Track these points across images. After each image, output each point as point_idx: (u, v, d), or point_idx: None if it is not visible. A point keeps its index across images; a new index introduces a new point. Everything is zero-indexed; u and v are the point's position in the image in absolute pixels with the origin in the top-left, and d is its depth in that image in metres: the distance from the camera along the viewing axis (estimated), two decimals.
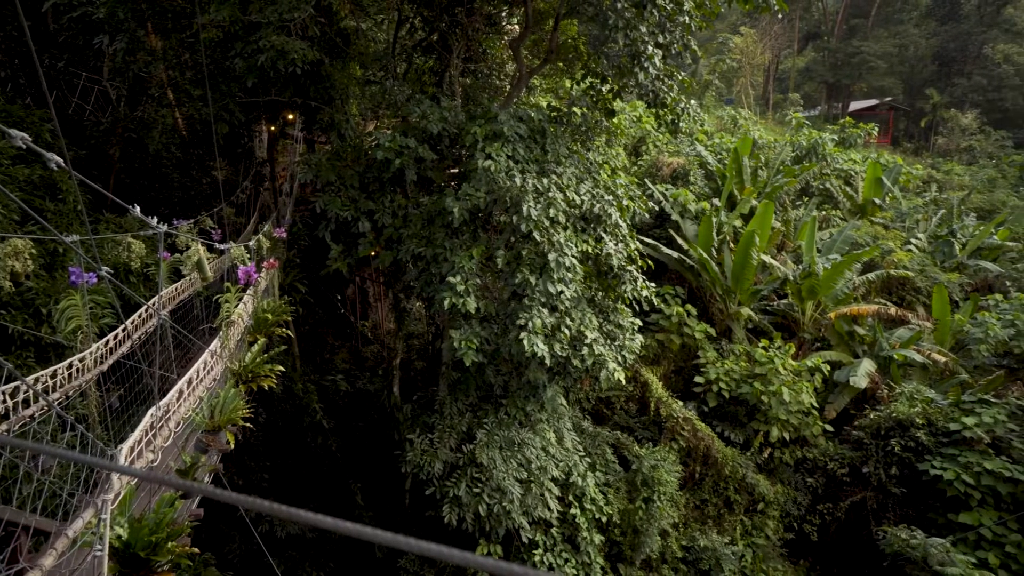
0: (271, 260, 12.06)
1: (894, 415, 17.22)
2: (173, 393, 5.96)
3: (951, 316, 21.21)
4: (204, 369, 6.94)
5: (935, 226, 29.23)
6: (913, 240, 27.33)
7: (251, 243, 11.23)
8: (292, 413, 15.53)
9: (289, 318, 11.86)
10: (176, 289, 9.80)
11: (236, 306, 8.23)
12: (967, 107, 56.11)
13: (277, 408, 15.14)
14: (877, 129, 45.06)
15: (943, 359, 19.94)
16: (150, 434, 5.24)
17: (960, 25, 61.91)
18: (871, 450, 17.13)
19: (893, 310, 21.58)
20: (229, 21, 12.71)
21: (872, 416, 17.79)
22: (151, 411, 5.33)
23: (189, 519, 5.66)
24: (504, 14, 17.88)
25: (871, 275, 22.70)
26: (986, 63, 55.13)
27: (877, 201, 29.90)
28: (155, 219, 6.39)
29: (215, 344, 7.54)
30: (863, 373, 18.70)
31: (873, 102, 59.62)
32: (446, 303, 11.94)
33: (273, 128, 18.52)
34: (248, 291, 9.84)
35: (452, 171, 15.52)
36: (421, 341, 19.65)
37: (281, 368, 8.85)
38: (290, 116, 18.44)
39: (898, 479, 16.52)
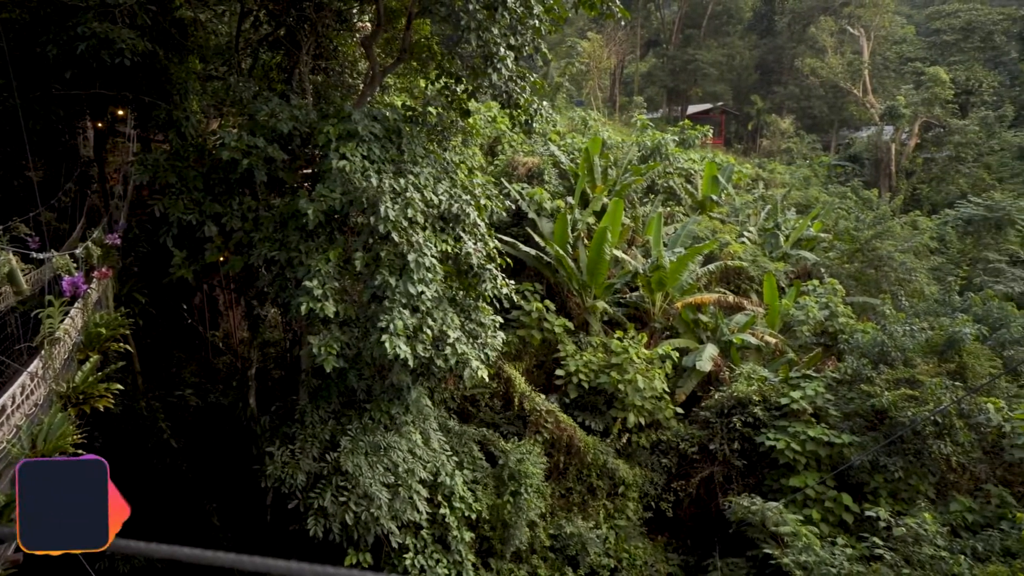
0: (103, 269, 11.02)
1: (735, 394, 18.78)
2: None
3: (779, 301, 23.51)
4: (22, 394, 6.22)
5: (763, 220, 32.19)
6: (746, 233, 29.92)
7: (78, 251, 10.20)
8: (135, 434, 14.28)
9: (127, 331, 10.90)
10: None
11: (61, 321, 7.44)
12: (785, 113, 62.37)
13: (117, 430, 13.85)
14: (712, 131, 48.94)
15: (774, 340, 22.06)
16: None
17: (776, 39, 68.65)
18: (716, 428, 18.57)
19: (731, 298, 23.54)
20: (37, 2, 11.42)
21: (716, 397, 19.30)
22: None
23: (4, 567, 5.02)
24: (355, 11, 17.46)
25: (711, 266, 24.65)
26: (798, 74, 61.53)
27: (714, 198, 32.44)
28: None
29: (35, 365, 6.77)
30: (707, 357, 20.25)
31: (708, 106, 64.61)
32: (303, 308, 11.51)
33: (101, 125, 16.88)
34: (76, 304, 8.93)
35: (305, 172, 14.95)
36: (278, 349, 18.78)
37: (119, 387, 8.11)
38: (120, 112, 16.90)
39: (740, 452, 18.04)
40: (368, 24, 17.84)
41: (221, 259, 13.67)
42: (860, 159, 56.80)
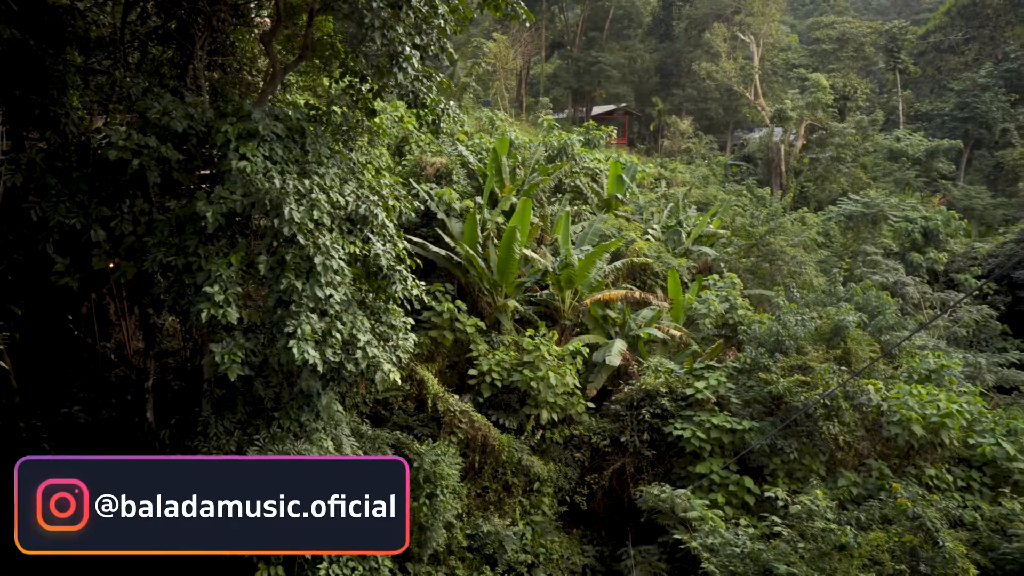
0: None
1: (643, 387, 19.40)
2: None
3: (682, 296, 24.51)
4: None
5: (666, 218, 33.44)
6: (650, 231, 30.98)
7: None
8: (13, 457, 13.16)
9: (1, 346, 10.07)
10: None
11: None
12: (684, 114, 65.12)
13: None
14: (616, 131, 50.41)
15: (678, 334, 22.97)
16: None
17: (674, 44, 71.57)
18: (626, 421, 19.13)
19: (638, 293, 24.30)
20: None
21: (626, 390, 19.87)
22: None
23: None
24: (253, 5, 16.81)
25: (618, 263, 25.36)
26: (695, 78, 64.40)
27: (619, 196, 33.41)
28: None
29: None
30: (616, 352, 20.83)
31: (611, 107, 66.50)
32: (203, 315, 10.98)
33: None
34: None
35: (203, 173, 14.25)
36: (177, 359, 17.81)
37: None
38: None
39: (649, 443, 18.66)
40: (267, 19, 17.23)
41: (111, 265, 12.83)
42: (753, 159, 60.16)
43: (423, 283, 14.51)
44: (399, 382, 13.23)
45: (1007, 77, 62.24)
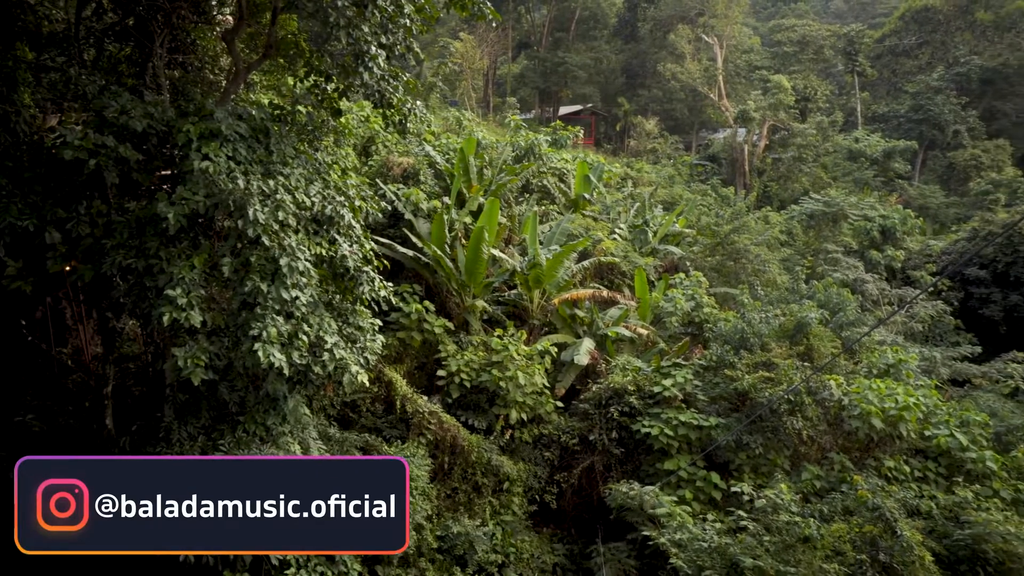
0: None
1: (611, 385, 19.54)
2: None
3: (649, 295, 24.75)
4: None
5: (633, 217, 33.74)
6: (617, 230, 31.23)
7: None
8: None
9: None
10: None
11: None
12: (650, 115, 65.84)
13: None
14: (582, 132, 50.76)
15: (646, 332, 23.19)
16: None
17: (639, 45, 72.31)
18: (595, 419, 19.24)
19: (605, 293, 24.47)
20: None
21: (594, 389, 20.00)
22: None
23: None
24: (215, 2, 16.49)
25: (586, 263, 25.53)
26: (660, 78, 65.18)
27: (587, 196, 33.59)
28: None
29: None
30: (585, 351, 20.94)
31: (578, 107, 66.90)
32: (165, 318, 10.75)
33: None
34: None
35: (164, 173, 13.95)
36: (138, 364, 17.40)
37: None
38: None
39: (618, 441, 18.80)
40: (229, 17, 16.92)
41: (67, 268, 12.48)
42: (718, 159, 61.15)
43: (391, 284, 14.41)
44: (367, 384, 13.14)
45: (958, 80, 64.44)
